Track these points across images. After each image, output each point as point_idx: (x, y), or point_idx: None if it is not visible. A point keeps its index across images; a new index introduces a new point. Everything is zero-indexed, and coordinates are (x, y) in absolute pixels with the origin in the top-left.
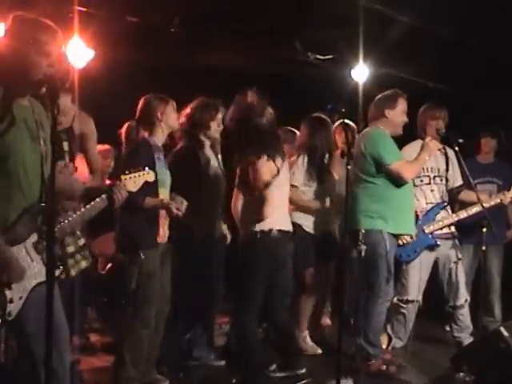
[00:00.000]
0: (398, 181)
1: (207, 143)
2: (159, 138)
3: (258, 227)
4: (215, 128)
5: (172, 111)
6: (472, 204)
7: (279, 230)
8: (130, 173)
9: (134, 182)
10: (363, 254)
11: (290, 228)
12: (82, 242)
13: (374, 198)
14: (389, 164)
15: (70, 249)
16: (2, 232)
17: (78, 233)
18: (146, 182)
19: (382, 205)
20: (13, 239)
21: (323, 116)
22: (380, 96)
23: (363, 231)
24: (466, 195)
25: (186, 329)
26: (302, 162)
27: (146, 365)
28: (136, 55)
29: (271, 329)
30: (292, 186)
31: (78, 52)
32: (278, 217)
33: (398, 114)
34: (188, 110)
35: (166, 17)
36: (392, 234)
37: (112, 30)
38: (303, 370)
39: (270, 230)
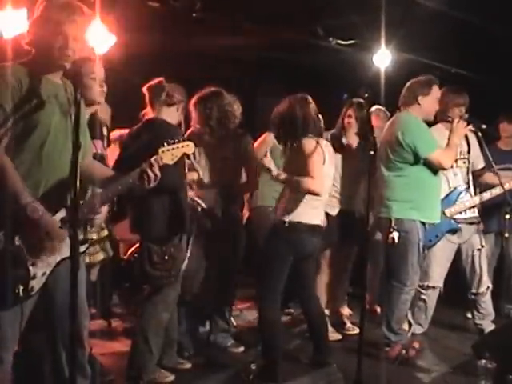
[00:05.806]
0: (436, 169)
1: None
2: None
3: (288, 217)
4: None
5: None
6: (493, 187)
7: (307, 224)
8: (168, 144)
9: (171, 154)
10: (396, 240)
11: (320, 222)
12: (104, 233)
13: (409, 186)
14: (428, 154)
15: (93, 236)
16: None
17: (103, 224)
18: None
19: (417, 193)
20: None
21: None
22: (413, 81)
23: (395, 218)
24: (489, 177)
25: (204, 315)
26: None
27: (168, 348)
28: (158, 40)
29: (305, 319)
30: None
31: (99, 37)
32: (309, 209)
33: (430, 102)
34: None
35: (188, 2)
36: (422, 222)
37: (133, 15)
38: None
39: (299, 223)
